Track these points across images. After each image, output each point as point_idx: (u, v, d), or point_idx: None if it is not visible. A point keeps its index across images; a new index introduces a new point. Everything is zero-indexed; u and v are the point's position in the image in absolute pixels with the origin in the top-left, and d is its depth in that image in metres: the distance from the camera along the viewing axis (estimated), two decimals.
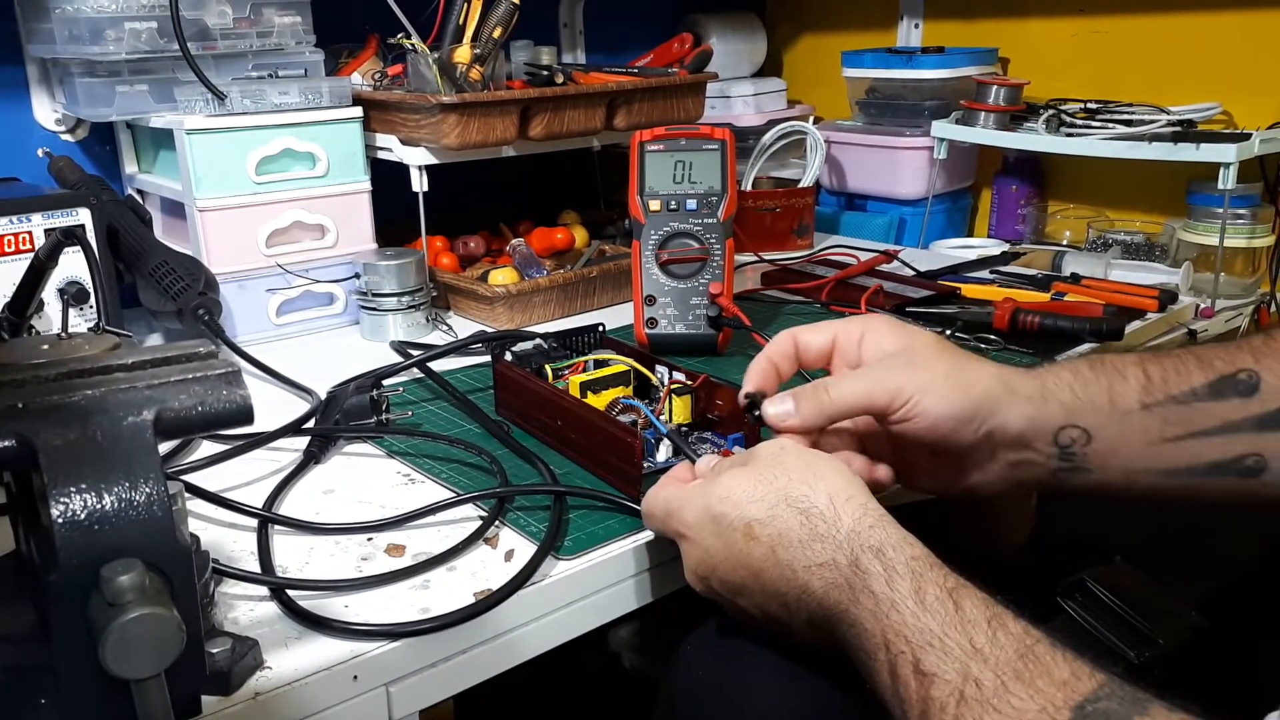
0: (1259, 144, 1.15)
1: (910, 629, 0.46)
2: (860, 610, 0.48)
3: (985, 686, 0.43)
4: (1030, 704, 0.42)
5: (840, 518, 0.51)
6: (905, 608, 0.47)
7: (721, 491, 0.55)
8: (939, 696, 0.44)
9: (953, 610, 0.46)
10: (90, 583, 0.37)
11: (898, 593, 0.47)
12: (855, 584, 0.49)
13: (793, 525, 0.52)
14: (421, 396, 0.89)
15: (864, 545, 0.49)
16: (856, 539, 0.50)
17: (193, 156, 1.00)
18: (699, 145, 0.97)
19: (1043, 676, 0.43)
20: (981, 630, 0.45)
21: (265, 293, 1.06)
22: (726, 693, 0.61)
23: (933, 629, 0.46)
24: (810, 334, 0.65)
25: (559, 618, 0.62)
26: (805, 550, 0.51)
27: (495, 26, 1.09)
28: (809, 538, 0.51)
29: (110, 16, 1.00)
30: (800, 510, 0.52)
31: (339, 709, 0.53)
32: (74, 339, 0.48)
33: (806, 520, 0.52)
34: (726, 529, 0.54)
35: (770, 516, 0.53)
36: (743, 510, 0.54)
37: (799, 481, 0.53)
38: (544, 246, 1.24)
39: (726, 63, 1.62)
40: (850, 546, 0.50)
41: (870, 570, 0.49)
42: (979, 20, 1.54)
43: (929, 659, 0.45)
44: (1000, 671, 0.43)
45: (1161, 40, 1.35)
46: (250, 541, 0.65)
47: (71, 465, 0.38)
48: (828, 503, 0.52)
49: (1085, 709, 0.41)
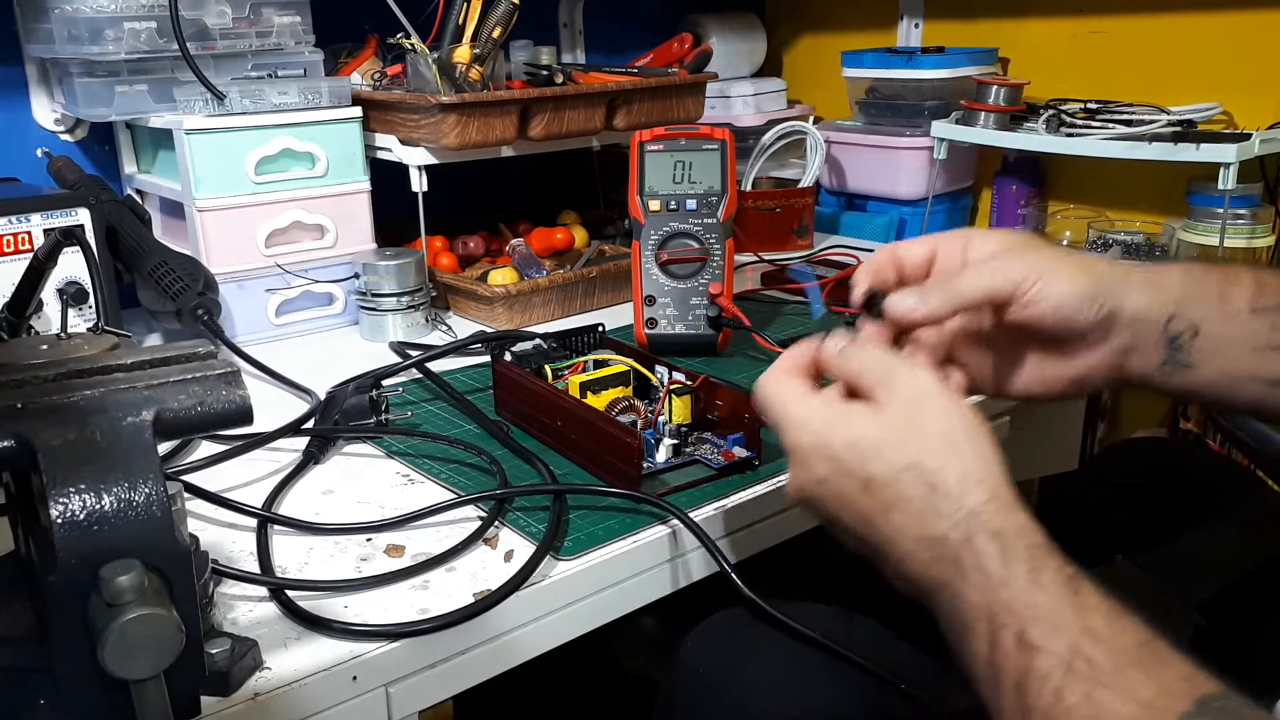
0: (1259, 144, 1.15)
1: (1019, 604, 0.45)
2: (966, 585, 0.48)
3: (1099, 665, 0.42)
4: (1146, 687, 0.41)
5: (965, 498, 0.49)
6: (1016, 585, 0.46)
7: (849, 435, 0.53)
8: (1042, 666, 0.43)
9: (1069, 594, 0.45)
10: (89, 583, 0.37)
11: (1011, 572, 0.46)
12: (965, 561, 0.48)
13: (915, 495, 0.50)
14: (421, 397, 0.88)
15: (983, 527, 0.48)
16: (976, 521, 0.48)
17: (192, 156, 1.00)
18: (699, 145, 0.97)
19: (1162, 667, 0.42)
20: (1098, 616, 0.44)
21: (264, 293, 1.06)
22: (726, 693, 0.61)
23: (1043, 605, 0.45)
24: (910, 246, 0.63)
25: (558, 618, 0.62)
26: (921, 522, 0.50)
27: (495, 26, 1.09)
28: (927, 511, 0.50)
29: (109, 16, 1.00)
30: (927, 484, 0.50)
31: (339, 709, 0.53)
32: (73, 339, 0.48)
33: (930, 494, 0.50)
34: (845, 474, 0.53)
35: (895, 479, 0.51)
36: (866, 464, 0.52)
37: (933, 452, 0.51)
38: (543, 247, 1.24)
39: (726, 63, 1.62)
40: (967, 527, 0.48)
41: (984, 551, 0.47)
42: (979, 20, 1.54)
43: (1035, 631, 0.44)
44: (1117, 655, 0.42)
45: (1161, 40, 1.35)
46: (249, 542, 0.64)
47: (71, 466, 0.38)
48: (957, 482, 0.50)
49: (1210, 704, 0.40)
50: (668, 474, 0.72)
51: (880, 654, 0.61)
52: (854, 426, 0.53)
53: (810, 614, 0.63)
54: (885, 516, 0.51)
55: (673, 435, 0.74)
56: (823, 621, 0.62)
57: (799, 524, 0.74)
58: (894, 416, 0.53)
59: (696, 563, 0.68)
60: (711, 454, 0.74)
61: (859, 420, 0.53)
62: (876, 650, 0.61)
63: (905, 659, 0.63)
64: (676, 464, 0.73)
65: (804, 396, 0.56)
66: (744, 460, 0.73)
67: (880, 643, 0.64)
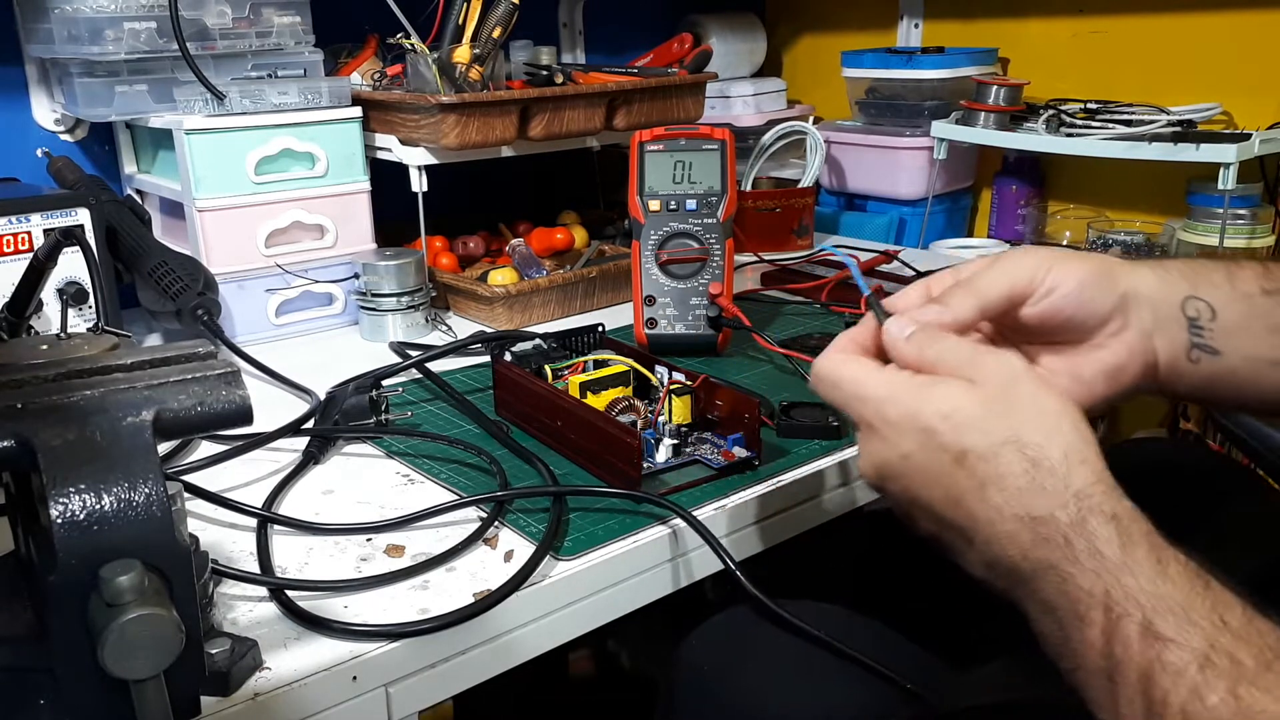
0: (1259, 144, 1.15)
1: (1145, 594, 0.43)
2: (1078, 569, 0.45)
3: (1242, 663, 0.40)
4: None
5: (1072, 475, 0.47)
6: (1142, 573, 0.43)
7: (943, 406, 0.50)
8: (1174, 661, 0.41)
9: (1201, 586, 0.43)
10: (89, 583, 0.37)
11: (1133, 559, 0.44)
12: (1077, 543, 0.45)
13: (1016, 471, 0.47)
14: (421, 397, 0.88)
15: (1095, 509, 0.46)
16: (1087, 501, 0.46)
17: (192, 157, 1.00)
18: (699, 145, 0.97)
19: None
20: (1235, 611, 0.42)
21: (264, 293, 1.06)
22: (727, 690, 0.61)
23: (1174, 597, 0.42)
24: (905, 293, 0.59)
25: (558, 618, 0.62)
26: (1023, 499, 0.47)
27: (495, 26, 1.09)
28: (1031, 488, 0.47)
29: (109, 16, 1.00)
30: (1030, 459, 0.47)
31: (338, 709, 0.53)
32: (73, 339, 0.48)
33: (1034, 470, 0.47)
34: (936, 448, 0.49)
35: (993, 453, 0.48)
36: (962, 436, 0.49)
37: (1033, 427, 0.48)
38: (543, 247, 1.24)
39: (726, 63, 1.62)
40: (1078, 506, 0.46)
41: (1100, 534, 0.45)
42: (979, 20, 1.54)
43: (1166, 624, 0.42)
44: (1260, 651, 0.40)
45: (1161, 40, 1.35)
46: (249, 542, 0.64)
47: (70, 466, 0.38)
48: (1061, 458, 0.47)
49: None
50: (668, 474, 0.72)
51: (882, 654, 0.61)
52: (948, 397, 0.50)
53: (811, 614, 0.63)
54: (981, 494, 0.48)
55: (673, 435, 0.74)
56: (824, 621, 0.62)
57: (799, 524, 0.74)
58: (989, 391, 0.50)
59: (697, 563, 0.68)
60: (711, 454, 0.74)
61: (953, 391, 0.50)
62: (878, 650, 0.61)
63: (907, 659, 0.63)
64: (676, 464, 0.73)
65: (883, 371, 0.53)
66: (744, 460, 0.73)
67: (882, 642, 0.64)
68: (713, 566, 0.68)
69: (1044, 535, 0.46)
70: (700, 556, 0.67)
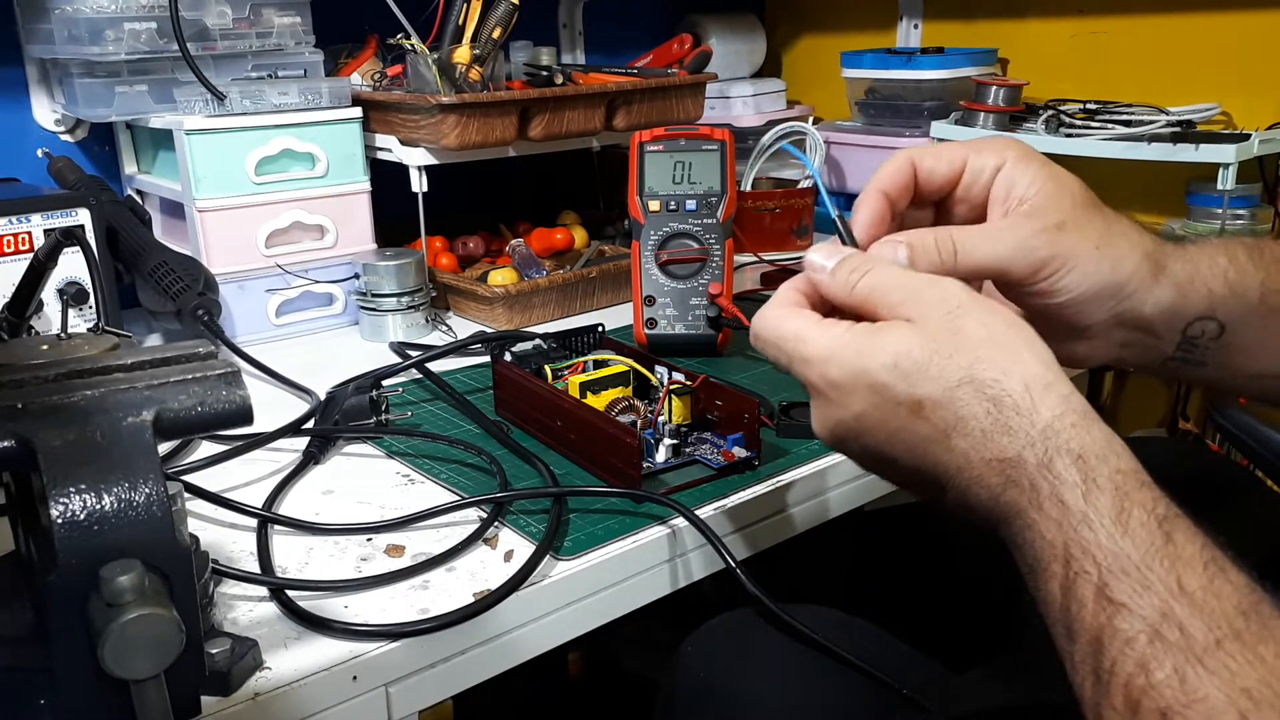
0: (1258, 144, 1.15)
1: (1103, 550, 0.40)
2: (1042, 516, 0.42)
3: (1193, 636, 0.37)
4: (1250, 672, 0.35)
5: (1037, 409, 0.43)
6: (1100, 526, 0.40)
7: (887, 358, 0.46)
8: (1125, 629, 0.38)
9: (1161, 541, 0.39)
10: (89, 583, 0.37)
11: (1094, 508, 0.40)
12: (1042, 488, 0.42)
13: (977, 412, 0.44)
14: (421, 397, 0.89)
15: (1061, 447, 0.42)
16: (1054, 438, 0.42)
17: (192, 157, 1.00)
18: (698, 146, 0.97)
19: (1268, 644, 0.36)
20: (1195, 572, 0.38)
21: (265, 293, 1.06)
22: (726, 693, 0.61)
23: (1131, 556, 0.39)
24: (934, 159, 0.54)
25: (558, 618, 0.62)
26: (988, 442, 0.44)
27: (495, 27, 1.09)
28: (995, 429, 0.43)
29: (110, 17, 1.00)
30: (989, 398, 0.44)
31: (338, 709, 0.53)
32: (73, 339, 0.48)
33: (995, 409, 0.44)
34: (889, 403, 0.46)
35: (949, 398, 0.44)
36: (913, 385, 0.45)
37: (987, 361, 0.44)
38: (543, 247, 1.24)
39: (726, 63, 1.62)
40: (1045, 445, 0.42)
41: (1064, 478, 0.41)
42: (978, 21, 1.54)
43: (1120, 587, 0.39)
44: (1214, 624, 0.37)
45: (1161, 41, 1.35)
46: (250, 542, 0.65)
47: (71, 466, 0.38)
48: (1023, 391, 0.43)
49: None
50: (667, 474, 0.72)
51: (880, 656, 0.61)
52: (891, 346, 0.46)
53: (810, 616, 0.63)
54: (946, 442, 0.45)
55: (672, 435, 0.74)
56: (822, 623, 0.62)
57: (798, 525, 0.75)
58: (934, 329, 0.46)
59: (696, 563, 0.68)
60: (711, 454, 0.74)
61: (896, 339, 0.46)
62: (877, 652, 0.61)
63: (906, 660, 0.63)
64: (676, 464, 0.73)
65: (822, 324, 0.49)
66: (744, 460, 0.73)
67: (879, 646, 0.64)
68: (712, 567, 0.68)
69: (1011, 478, 0.43)
70: (699, 557, 0.68)
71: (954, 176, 0.55)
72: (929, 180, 0.55)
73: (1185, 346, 0.54)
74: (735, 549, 0.69)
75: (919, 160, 0.54)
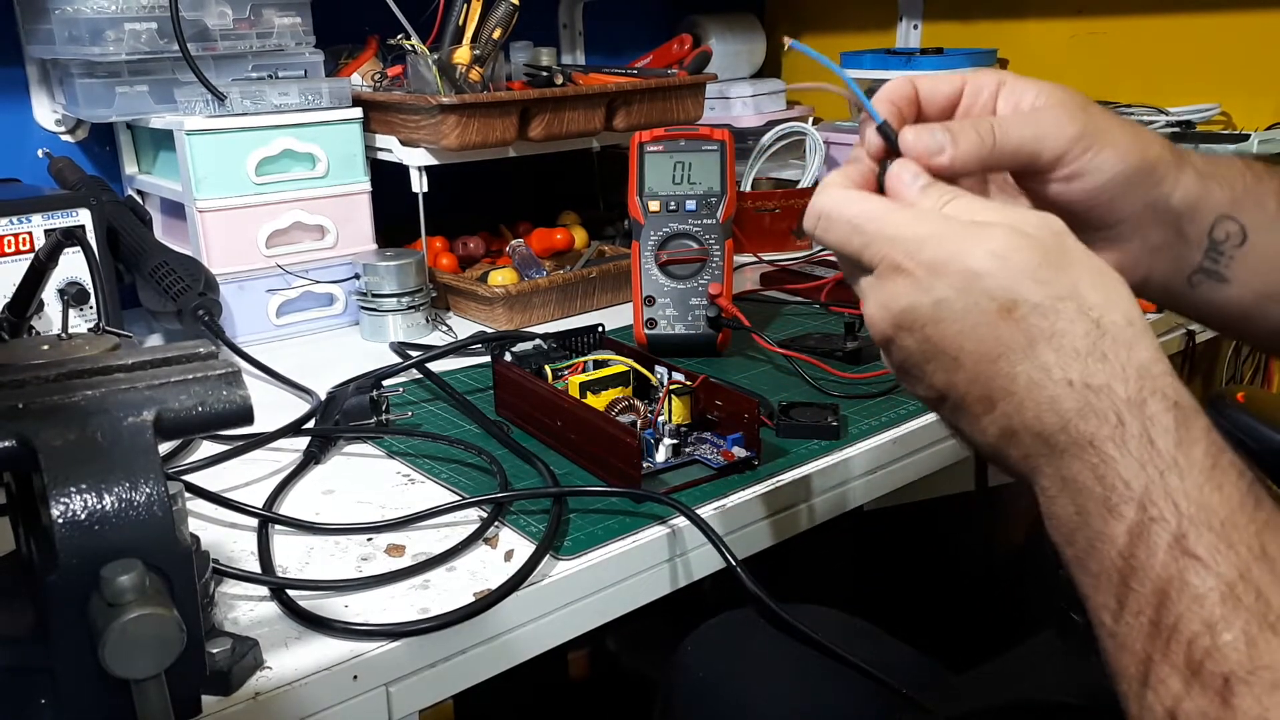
0: (1258, 145, 1.15)
1: (1189, 500, 0.38)
2: (1123, 454, 0.39)
3: (1269, 602, 0.35)
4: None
5: (1135, 346, 0.41)
6: (1190, 476, 0.38)
7: (996, 245, 0.42)
8: (1196, 584, 0.36)
9: (1251, 503, 0.38)
10: (90, 583, 0.37)
11: (1186, 456, 0.39)
12: (1130, 425, 0.40)
13: (1076, 330, 0.41)
14: (421, 397, 0.89)
15: (1157, 390, 0.40)
16: (1150, 380, 0.40)
17: (193, 157, 1.00)
18: (698, 146, 0.97)
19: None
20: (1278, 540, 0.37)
21: (265, 293, 1.06)
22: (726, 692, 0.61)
23: (1218, 511, 0.37)
24: (934, 81, 0.53)
25: (558, 618, 0.62)
26: (1080, 363, 0.41)
27: (495, 27, 1.09)
28: (1090, 352, 0.41)
29: (110, 17, 1.00)
30: (1092, 320, 0.41)
31: (339, 709, 0.53)
32: (74, 339, 0.48)
33: (1097, 331, 0.41)
34: (981, 294, 0.42)
35: (1052, 308, 0.41)
36: (1014, 282, 0.42)
37: (1093, 286, 0.42)
38: (543, 247, 1.24)
39: (726, 63, 1.62)
40: (1140, 384, 0.40)
41: (1158, 420, 0.39)
42: (978, 21, 1.54)
43: (1200, 539, 0.37)
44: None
45: (1160, 41, 1.35)
46: (250, 541, 0.65)
47: (71, 466, 0.38)
48: (1125, 324, 0.41)
49: None
50: (667, 474, 0.72)
51: (878, 657, 0.61)
52: (1000, 238, 0.42)
53: (810, 616, 0.63)
54: (1029, 351, 0.42)
55: (672, 435, 0.74)
56: (822, 623, 0.62)
57: (798, 525, 0.75)
58: (1042, 238, 0.43)
59: (696, 563, 0.68)
60: (711, 454, 0.74)
61: (1005, 234, 0.43)
62: (874, 653, 0.61)
63: (903, 662, 0.64)
64: (676, 464, 0.73)
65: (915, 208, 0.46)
66: (743, 460, 0.73)
67: (878, 645, 0.64)
68: (712, 566, 0.68)
69: (1095, 407, 0.40)
70: (699, 556, 0.68)
71: (954, 95, 0.54)
72: (930, 98, 0.53)
73: (1212, 254, 0.52)
74: (734, 549, 0.69)
75: (918, 79, 0.53)
